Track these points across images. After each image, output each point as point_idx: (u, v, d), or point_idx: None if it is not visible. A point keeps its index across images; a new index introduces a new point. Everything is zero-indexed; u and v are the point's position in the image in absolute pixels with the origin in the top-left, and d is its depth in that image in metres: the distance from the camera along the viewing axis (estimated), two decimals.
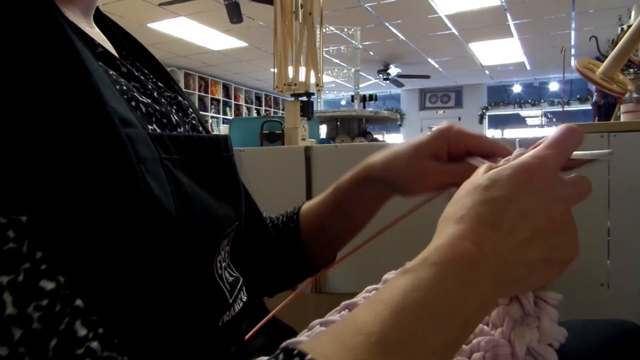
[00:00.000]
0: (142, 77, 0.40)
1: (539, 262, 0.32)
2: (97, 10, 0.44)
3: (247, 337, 0.44)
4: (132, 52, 0.48)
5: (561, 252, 0.32)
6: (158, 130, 0.36)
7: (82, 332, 0.25)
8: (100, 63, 0.35)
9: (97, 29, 0.44)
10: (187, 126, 0.43)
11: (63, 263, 0.26)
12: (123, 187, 0.28)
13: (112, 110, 0.29)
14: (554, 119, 9.06)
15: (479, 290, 0.30)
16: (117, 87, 0.34)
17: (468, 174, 0.41)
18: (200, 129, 0.47)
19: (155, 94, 0.40)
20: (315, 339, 0.29)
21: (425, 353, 0.27)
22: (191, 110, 0.46)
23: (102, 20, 0.46)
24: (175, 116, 0.41)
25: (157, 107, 0.38)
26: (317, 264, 0.59)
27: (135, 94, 0.37)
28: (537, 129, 9.35)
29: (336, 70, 6.98)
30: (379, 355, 0.26)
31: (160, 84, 0.46)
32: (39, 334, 0.24)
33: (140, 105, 0.36)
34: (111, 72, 0.36)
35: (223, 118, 8.45)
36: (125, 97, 0.35)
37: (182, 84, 7.58)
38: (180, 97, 0.45)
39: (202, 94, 8.16)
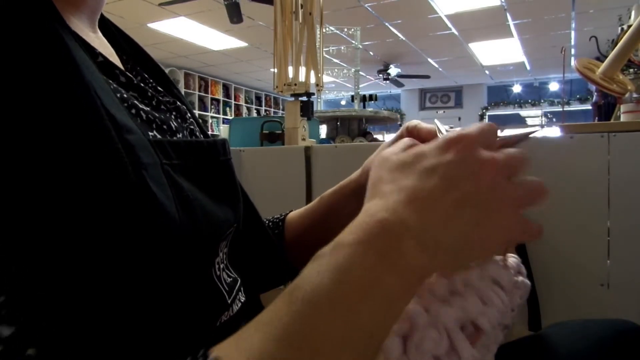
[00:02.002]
0: (141, 85, 0.40)
1: (472, 226, 0.29)
2: (100, 14, 0.45)
3: None
4: (133, 56, 0.48)
5: (496, 218, 0.30)
6: (158, 137, 0.37)
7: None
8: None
9: (99, 34, 0.44)
10: (185, 131, 0.44)
11: (56, 277, 0.26)
12: (120, 196, 0.28)
13: (112, 119, 0.29)
14: (554, 119, 9.06)
15: (400, 262, 0.27)
16: (118, 95, 0.35)
17: None
18: (198, 133, 0.47)
19: (154, 101, 0.41)
20: (229, 340, 0.27)
21: (331, 344, 0.25)
22: (189, 115, 0.47)
23: (104, 24, 0.47)
24: (174, 122, 0.41)
25: (157, 114, 0.39)
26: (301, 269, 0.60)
27: (135, 102, 0.37)
28: (537, 129, 9.35)
29: (336, 70, 6.98)
30: (277, 351, 0.24)
31: (160, 88, 0.46)
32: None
33: (141, 112, 0.37)
34: (110, 82, 0.36)
35: (223, 118, 8.45)
36: (126, 105, 0.35)
37: (182, 84, 7.58)
38: (179, 102, 0.46)
39: (202, 94, 8.15)
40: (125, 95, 0.36)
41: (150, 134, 0.36)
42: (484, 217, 0.29)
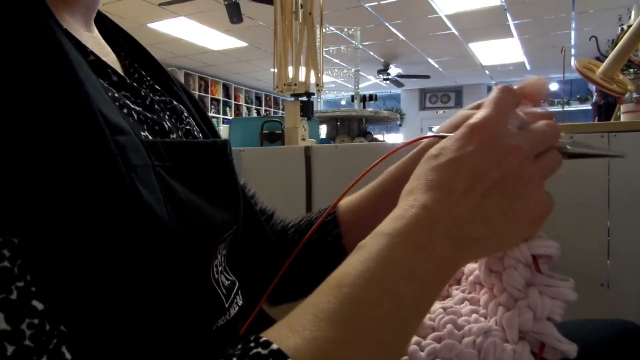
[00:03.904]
0: (134, 85, 0.39)
1: (498, 216, 0.31)
2: (97, 12, 0.44)
3: (240, 332, 0.44)
4: (132, 54, 0.48)
5: (522, 203, 0.32)
6: (150, 138, 0.36)
7: (68, 356, 0.25)
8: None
9: (96, 32, 0.43)
10: (180, 132, 0.43)
11: (52, 282, 0.25)
12: (112, 196, 0.28)
13: (104, 119, 0.29)
14: (554, 119, 9.04)
15: (434, 253, 0.30)
16: (109, 94, 0.34)
17: None
18: (197, 133, 0.46)
19: (147, 101, 0.40)
20: (275, 325, 0.29)
21: (378, 322, 0.28)
22: (186, 114, 0.46)
23: (101, 22, 0.46)
24: (168, 122, 0.40)
25: (149, 115, 0.38)
26: None
27: (127, 101, 0.36)
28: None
29: (336, 70, 6.98)
30: (330, 331, 0.26)
31: (157, 86, 0.45)
32: (31, 351, 0.23)
33: (133, 112, 0.36)
34: (101, 81, 0.36)
35: (223, 118, 8.44)
36: (117, 104, 0.34)
37: None
38: (175, 102, 0.45)
39: (202, 94, 8.15)
40: (116, 95, 0.35)
41: (142, 134, 0.35)
42: (510, 205, 0.31)
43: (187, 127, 0.45)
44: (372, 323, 0.27)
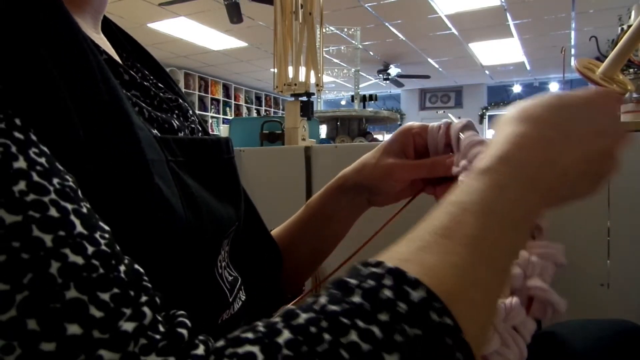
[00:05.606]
0: (144, 83, 0.40)
1: (592, 176, 0.35)
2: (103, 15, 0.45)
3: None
4: (133, 53, 0.48)
5: (606, 171, 0.36)
6: (159, 135, 0.37)
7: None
8: None
9: (102, 35, 0.44)
10: (187, 130, 0.44)
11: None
12: (137, 188, 0.28)
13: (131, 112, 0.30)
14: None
15: (541, 187, 0.32)
16: (123, 91, 0.35)
17: (435, 166, 0.45)
18: (200, 131, 0.47)
19: (156, 101, 0.41)
20: (393, 249, 0.28)
21: (508, 254, 0.29)
22: (191, 112, 0.47)
23: (107, 25, 0.47)
24: (176, 121, 0.41)
25: (159, 114, 0.39)
26: (289, 291, 0.58)
27: (138, 100, 0.37)
28: None
29: (336, 70, 6.98)
30: (470, 256, 0.27)
31: (160, 84, 0.46)
32: (108, 256, 0.24)
33: (144, 110, 0.37)
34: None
35: (223, 118, 8.44)
36: (130, 102, 0.35)
37: (182, 84, 7.57)
38: (181, 100, 0.46)
39: (202, 94, 8.15)
40: (128, 94, 0.36)
41: (152, 132, 0.36)
42: (600, 169, 0.36)
43: (193, 125, 0.46)
44: (504, 257, 0.29)
